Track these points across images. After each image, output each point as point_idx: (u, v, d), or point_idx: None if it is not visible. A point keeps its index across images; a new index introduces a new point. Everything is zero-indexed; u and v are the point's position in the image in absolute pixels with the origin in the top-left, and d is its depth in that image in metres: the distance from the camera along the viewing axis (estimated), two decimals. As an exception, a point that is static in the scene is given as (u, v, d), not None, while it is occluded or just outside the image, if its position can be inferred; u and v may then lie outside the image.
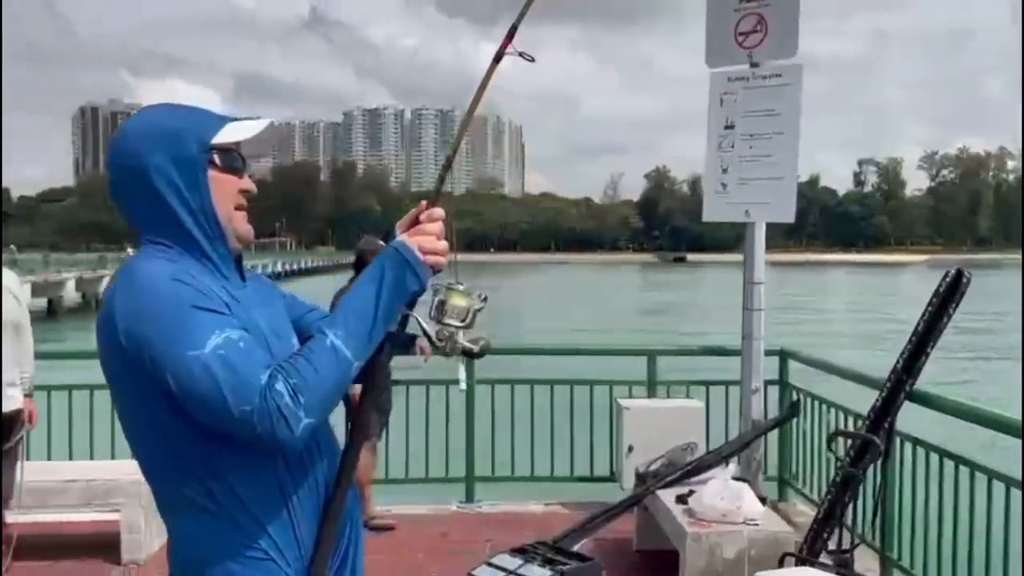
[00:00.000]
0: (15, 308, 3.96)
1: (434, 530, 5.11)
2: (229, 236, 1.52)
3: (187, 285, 1.40)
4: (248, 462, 1.43)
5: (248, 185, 1.55)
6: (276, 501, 1.47)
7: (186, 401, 1.37)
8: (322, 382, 1.38)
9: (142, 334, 1.37)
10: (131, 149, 1.49)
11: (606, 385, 5.74)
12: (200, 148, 1.49)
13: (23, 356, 4.00)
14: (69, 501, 4.47)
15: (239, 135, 1.53)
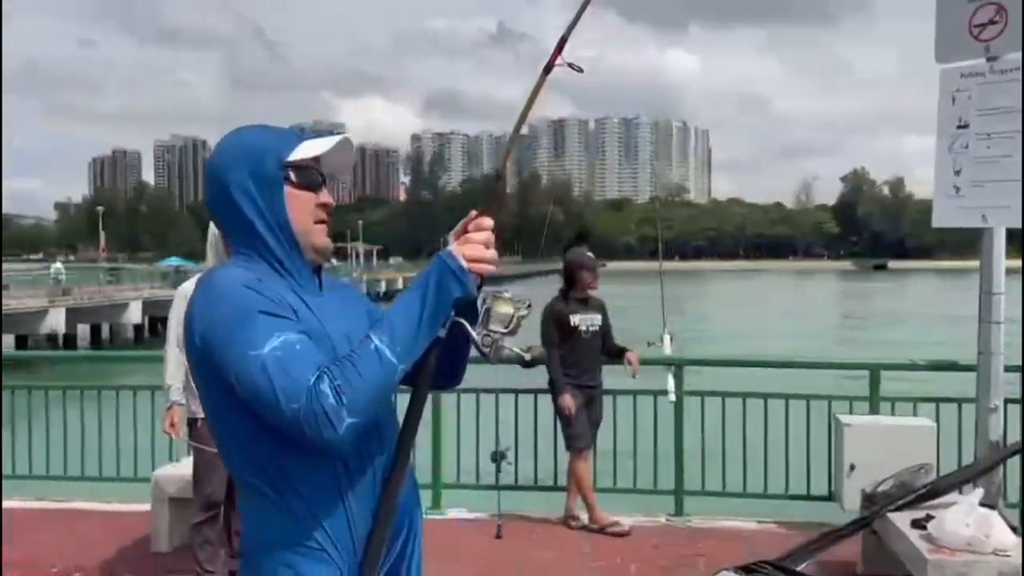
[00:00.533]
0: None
1: (645, 542, 5.07)
2: (305, 248, 1.60)
3: (255, 291, 1.48)
4: (308, 460, 1.50)
5: (326, 199, 1.62)
6: (334, 498, 1.53)
7: (247, 398, 1.45)
8: (365, 384, 1.42)
9: (212, 336, 1.47)
10: (219, 165, 1.60)
11: (824, 400, 5.50)
12: (277, 165, 1.57)
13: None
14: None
15: (313, 151, 1.60)
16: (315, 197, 1.62)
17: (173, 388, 4.17)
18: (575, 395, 5.23)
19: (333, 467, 1.53)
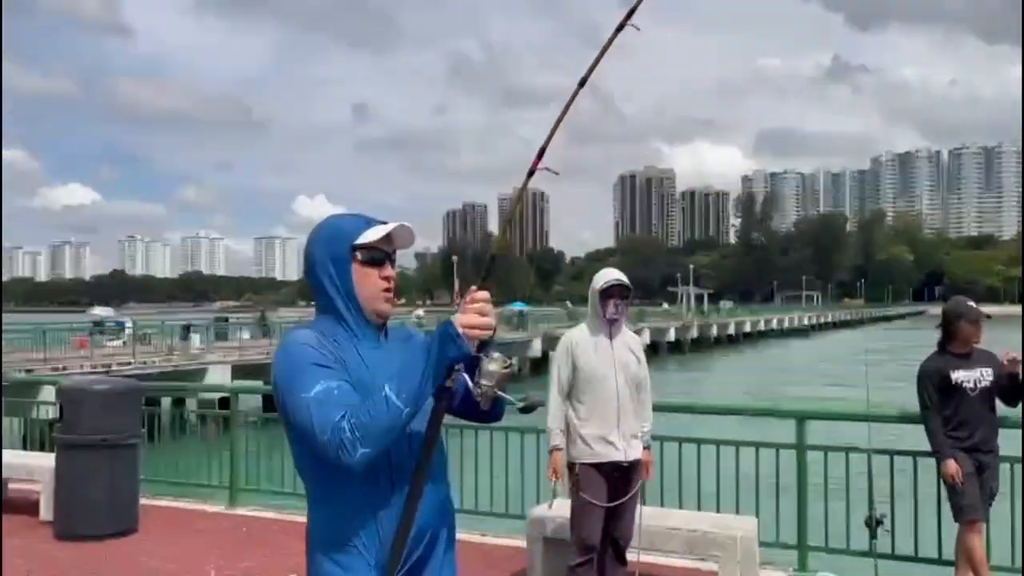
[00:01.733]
0: (635, 365, 4.43)
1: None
2: (368, 313, 2.03)
3: (312, 347, 1.94)
4: (346, 478, 1.90)
5: (387, 273, 2.04)
6: (365, 509, 1.95)
7: (297, 429, 1.91)
8: (375, 423, 1.82)
9: (280, 380, 1.94)
10: (309, 246, 2.08)
11: None
12: (347, 248, 2.02)
13: (643, 410, 4.46)
14: (673, 547, 4.81)
15: (373, 236, 2.02)
16: (378, 271, 2.04)
17: (555, 433, 4.41)
18: (962, 461, 4.74)
19: (365, 485, 1.94)
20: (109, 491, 6.29)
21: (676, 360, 51.98)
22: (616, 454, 4.30)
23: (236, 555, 5.82)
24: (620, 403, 4.31)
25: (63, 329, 32.29)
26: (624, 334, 4.47)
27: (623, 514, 4.39)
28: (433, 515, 2.04)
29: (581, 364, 4.34)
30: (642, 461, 4.43)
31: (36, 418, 9.85)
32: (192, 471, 7.94)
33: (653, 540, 4.75)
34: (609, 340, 4.38)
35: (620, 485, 4.34)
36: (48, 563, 5.70)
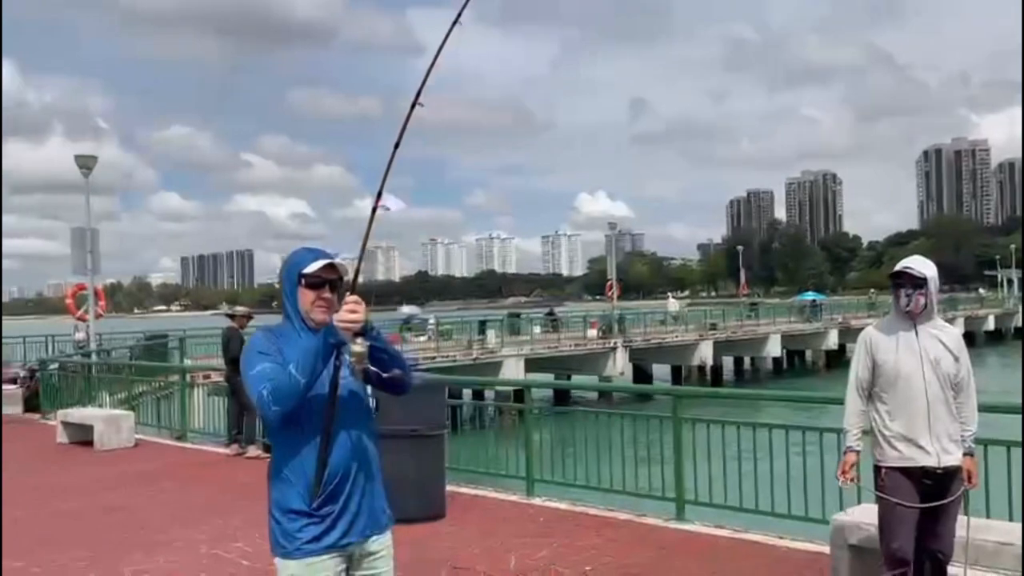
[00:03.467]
0: (948, 361, 3.99)
1: None
2: (306, 319, 2.81)
3: (259, 343, 2.78)
4: (282, 428, 2.71)
5: (323, 294, 2.79)
6: (293, 452, 2.73)
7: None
8: (281, 390, 2.61)
9: (242, 362, 2.77)
10: (281, 271, 2.92)
11: None
12: (296, 275, 2.82)
13: (964, 411, 4.01)
14: (1004, 564, 4.29)
15: (311, 268, 2.79)
16: (316, 293, 2.81)
17: (850, 433, 4.11)
18: None
19: (296, 431, 2.72)
20: (419, 479, 6.80)
21: (997, 351, 46.67)
22: (926, 459, 3.91)
23: (534, 544, 6.04)
24: (929, 403, 3.91)
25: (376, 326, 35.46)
26: (934, 326, 4.05)
27: (941, 525, 3.98)
28: (347, 454, 2.78)
29: (881, 360, 4.00)
30: (962, 468, 3.99)
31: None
32: (491, 461, 8.36)
33: (979, 556, 4.27)
34: (914, 333, 3.99)
35: (933, 494, 3.93)
36: (370, 542, 6.26)
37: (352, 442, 2.79)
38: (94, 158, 18.13)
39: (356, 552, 2.81)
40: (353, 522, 2.78)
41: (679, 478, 6.71)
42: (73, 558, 5.99)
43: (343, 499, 2.76)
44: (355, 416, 2.80)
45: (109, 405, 13.06)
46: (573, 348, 34.34)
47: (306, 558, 2.72)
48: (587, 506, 7.16)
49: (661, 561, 5.60)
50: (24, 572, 5.67)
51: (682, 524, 6.52)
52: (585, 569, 5.45)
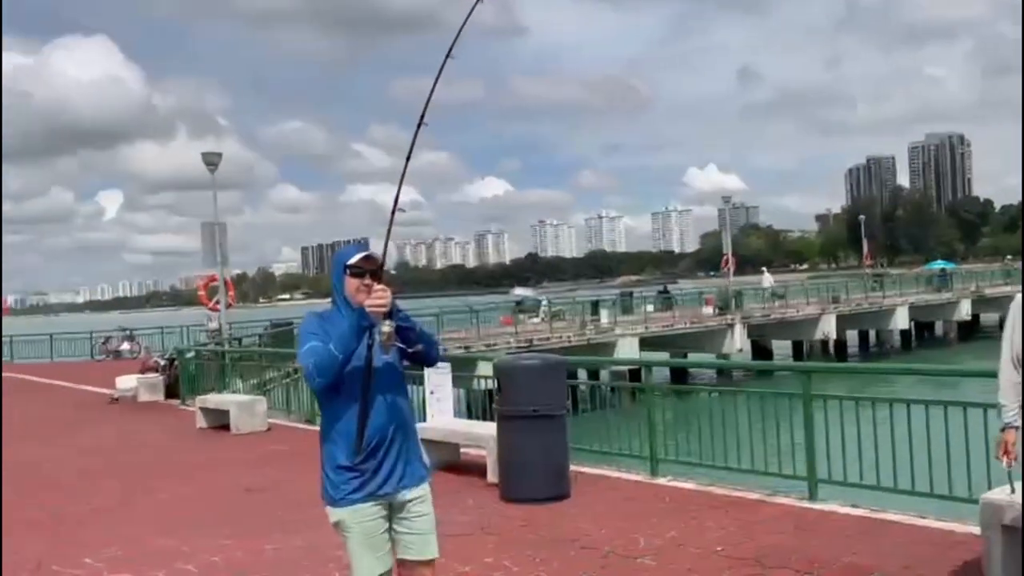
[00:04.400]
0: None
1: None
2: (351, 302, 3.23)
3: (311, 324, 3.27)
4: (329, 396, 3.24)
5: (367, 282, 3.21)
6: (338, 415, 3.24)
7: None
8: (323, 363, 3.12)
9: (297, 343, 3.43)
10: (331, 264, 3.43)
11: None
12: (342, 267, 3.29)
13: None
14: None
15: (353, 260, 3.27)
16: (357, 282, 3.24)
17: (1006, 409, 3.87)
18: None
19: (339, 400, 3.22)
20: (543, 458, 6.83)
21: None
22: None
23: (661, 524, 5.98)
24: None
25: (490, 309, 35.92)
26: None
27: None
28: (384, 418, 3.25)
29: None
30: None
31: (474, 389, 11.07)
32: (613, 440, 8.32)
33: None
34: None
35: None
36: (497, 521, 6.34)
37: (387, 407, 3.28)
38: (219, 155, 18.93)
39: (395, 501, 3.30)
40: (390, 475, 3.27)
41: (811, 457, 6.50)
42: (217, 536, 6.29)
43: (381, 456, 3.25)
44: (390, 385, 3.31)
45: (242, 391, 13.66)
46: (688, 326, 33.79)
47: (350, 505, 3.24)
48: (714, 486, 7.04)
49: (796, 541, 5.45)
50: (175, 550, 5.99)
51: (816, 504, 6.33)
52: (717, 549, 5.36)
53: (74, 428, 13.39)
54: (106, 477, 9.05)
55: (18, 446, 11.79)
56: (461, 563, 5.32)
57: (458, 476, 8.02)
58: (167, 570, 5.54)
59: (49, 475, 9.39)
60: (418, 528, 3.35)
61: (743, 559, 5.13)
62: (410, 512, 3.32)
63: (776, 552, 5.23)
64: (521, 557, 5.40)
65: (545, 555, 5.43)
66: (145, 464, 9.88)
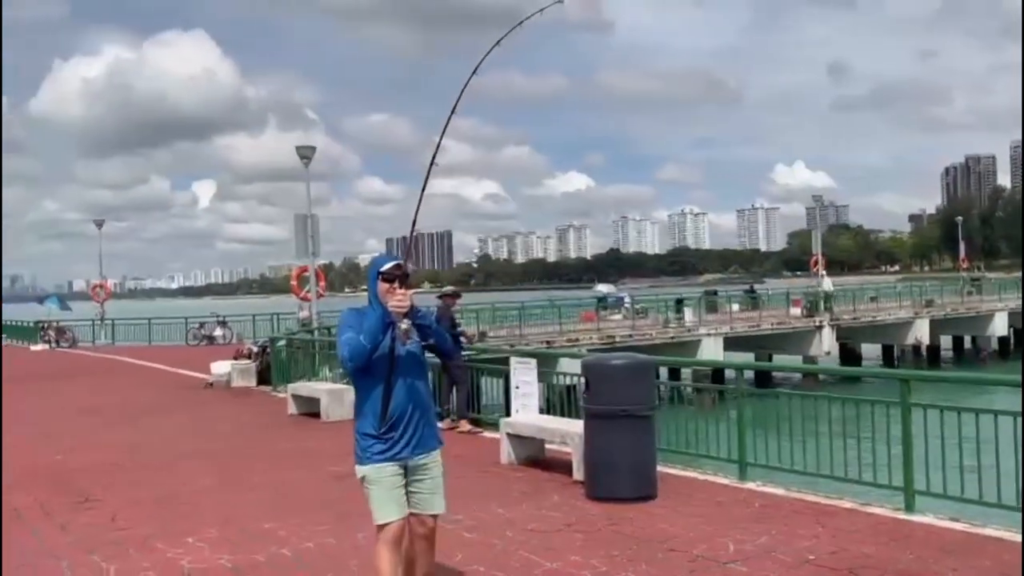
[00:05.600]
0: None
1: None
2: (382, 302, 3.98)
3: (349, 318, 4.03)
4: (360, 377, 4.03)
5: (395, 286, 3.95)
6: (368, 394, 4.02)
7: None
8: (353, 351, 3.91)
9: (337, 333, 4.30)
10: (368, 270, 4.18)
11: None
12: (375, 273, 4.03)
13: None
14: None
15: (385, 268, 4.01)
16: (388, 286, 3.98)
17: None
18: None
19: (369, 380, 4.01)
20: (630, 458, 6.82)
21: None
22: None
23: (751, 530, 5.91)
24: None
25: (573, 304, 35.89)
26: None
27: None
28: (404, 397, 4.04)
29: None
30: None
31: (555, 384, 11.10)
32: (700, 442, 8.24)
33: None
34: None
35: None
36: (582, 519, 6.36)
37: (407, 389, 4.06)
38: (313, 148, 19.38)
39: (409, 464, 4.08)
40: (407, 443, 4.06)
41: (908, 467, 6.33)
42: (310, 522, 6.47)
43: (400, 427, 4.04)
44: (410, 370, 4.09)
45: (332, 379, 13.99)
46: (775, 327, 33.13)
47: (373, 464, 4.04)
48: (804, 492, 6.91)
49: (892, 554, 5.32)
50: (271, 534, 6.20)
51: (912, 515, 6.16)
52: (808, 558, 5.27)
53: (172, 411, 13.94)
54: (203, 460, 9.40)
55: (121, 428, 12.36)
56: (548, 559, 5.37)
57: (542, 472, 8.07)
58: (264, 553, 5.74)
59: (150, 457, 9.80)
60: (427, 487, 4.13)
61: (836, 570, 5.03)
62: (421, 474, 4.12)
63: (871, 564, 5.11)
64: (608, 557, 5.41)
65: (632, 555, 5.43)
66: (240, 449, 10.22)
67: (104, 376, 21.40)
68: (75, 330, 36.82)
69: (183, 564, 5.56)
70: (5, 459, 9.70)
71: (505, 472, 8.21)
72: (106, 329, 37.69)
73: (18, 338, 38.75)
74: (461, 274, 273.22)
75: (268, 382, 16.23)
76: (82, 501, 7.51)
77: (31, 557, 5.87)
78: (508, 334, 28.43)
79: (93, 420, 13.13)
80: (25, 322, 40.88)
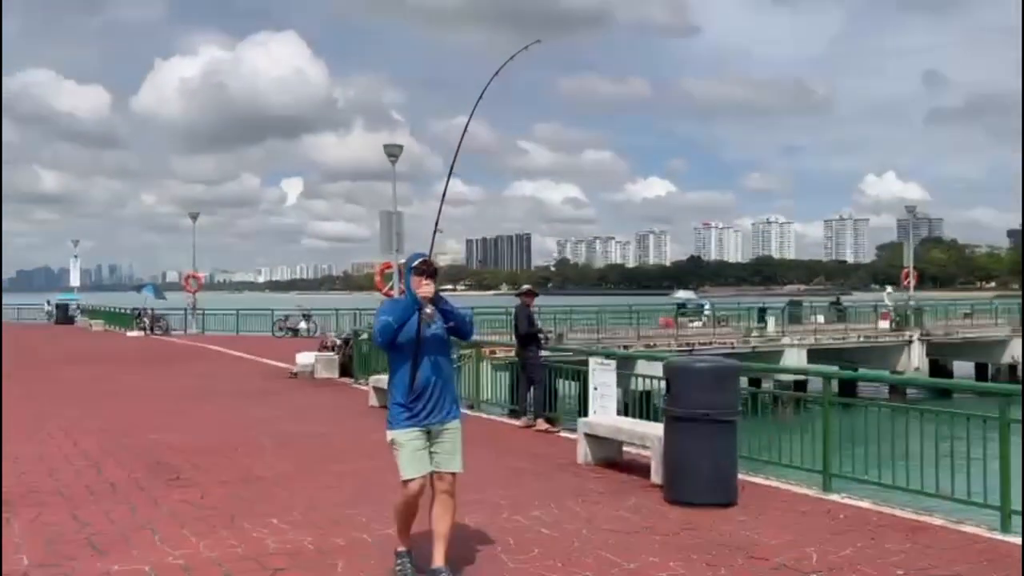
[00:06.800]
0: None
1: None
2: (415, 291, 4.74)
3: (386, 306, 4.91)
4: (392, 353, 4.84)
5: (423, 280, 4.71)
6: (399, 367, 4.78)
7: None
8: (383, 330, 4.75)
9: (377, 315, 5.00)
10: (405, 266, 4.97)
11: None
12: (409, 269, 4.81)
13: None
14: None
15: (416, 263, 4.77)
16: (420, 279, 4.69)
17: None
18: None
19: (400, 357, 4.77)
20: (711, 463, 6.72)
21: None
22: None
23: (835, 542, 5.75)
24: None
25: (651, 310, 35.56)
26: None
27: None
28: (428, 372, 4.74)
29: None
30: None
31: (631, 389, 11.00)
32: (783, 451, 8.07)
33: None
34: None
35: None
36: (660, 522, 6.29)
37: (432, 365, 4.77)
38: (400, 147, 19.63)
39: (433, 430, 4.80)
40: (432, 412, 4.78)
41: (1005, 485, 6.08)
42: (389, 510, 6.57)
43: (425, 398, 4.76)
44: (435, 349, 4.80)
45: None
46: (861, 340, 32.21)
47: (401, 429, 4.76)
48: (892, 507, 6.70)
49: (985, 573, 5.11)
50: (352, 519, 6.32)
51: (1008, 536, 5.91)
52: (897, 573, 5.10)
53: (258, 398, 14.34)
54: (287, 446, 9.64)
55: (210, 411, 12.77)
56: (625, 559, 5.33)
57: (619, 474, 8.02)
58: (345, 538, 5.85)
59: (237, 440, 10.10)
60: (446, 449, 4.83)
61: (926, 586, 4.87)
62: (443, 438, 4.82)
63: (962, 583, 4.93)
64: (686, 560, 5.34)
65: (711, 560, 5.35)
66: (323, 436, 10.44)
67: (195, 362, 22.13)
68: (168, 318, 38.22)
69: (268, 543, 5.71)
70: (102, 435, 10.15)
71: (582, 472, 8.19)
72: (197, 318, 39.01)
73: (116, 324, 40.44)
74: (539, 277, 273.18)
75: (350, 374, 16.55)
76: (174, 479, 7.79)
77: (125, 528, 6.11)
78: (585, 337, 28.34)
79: (185, 403, 13.60)
80: (123, 309, 42.64)
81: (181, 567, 5.23)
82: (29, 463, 8.49)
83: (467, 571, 5.18)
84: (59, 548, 5.62)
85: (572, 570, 5.15)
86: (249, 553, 5.51)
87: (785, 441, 8.11)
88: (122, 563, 5.27)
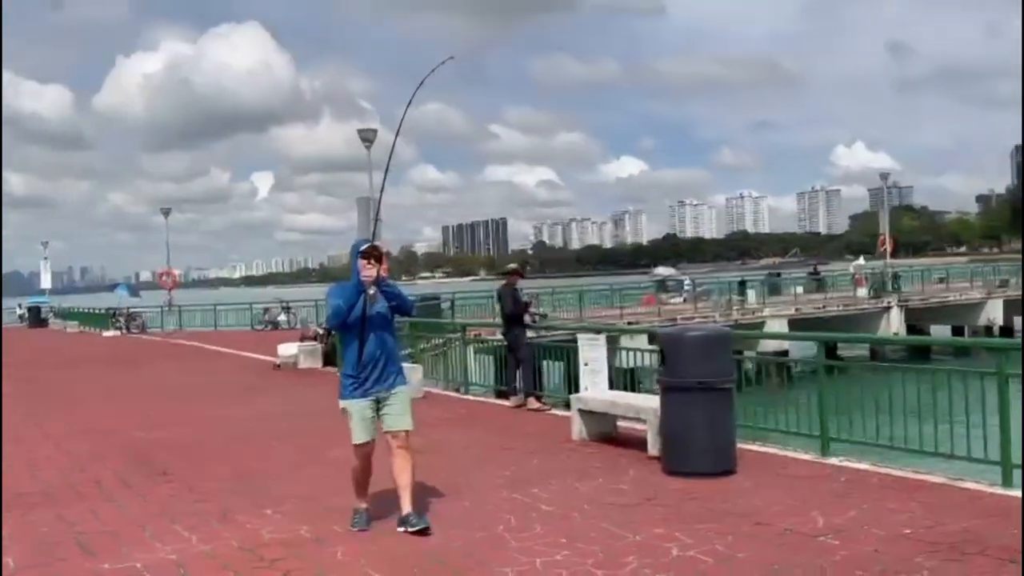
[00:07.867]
0: None
1: None
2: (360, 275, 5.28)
3: (334, 290, 5.50)
4: (344, 333, 5.51)
5: (367, 263, 5.26)
6: (350, 346, 5.43)
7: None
8: (335, 312, 5.38)
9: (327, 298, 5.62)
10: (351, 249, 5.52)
11: None
12: (355, 252, 5.34)
13: None
14: None
15: (363, 248, 5.32)
16: (365, 262, 5.24)
17: None
18: None
19: (349, 335, 5.41)
20: (708, 432, 6.65)
21: None
22: None
23: (838, 504, 5.71)
24: None
25: (632, 288, 35.61)
26: None
27: None
28: (374, 347, 5.35)
29: None
30: None
31: (618, 366, 10.94)
32: (776, 418, 8.02)
33: None
34: None
35: None
36: (661, 493, 6.22)
37: (377, 340, 5.36)
38: (374, 131, 19.40)
39: (379, 397, 5.43)
40: (377, 381, 5.41)
41: (1005, 440, 6.05)
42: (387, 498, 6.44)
43: (371, 369, 5.38)
44: (379, 326, 5.38)
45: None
46: (841, 308, 32.42)
47: (352, 399, 5.43)
48: (891, 467, 6.67)
49: (990, 530, 5.07)
50: (350, 507, 6.18)
51: (1009, 490, 5.89)
52: (904, 532, 5.06)
53: (244, 392, 14.14)
54: (277, 436, 9.48)
55: (195, 407, 12.56)
56: (631, 532, 5.25)
57: (616, 448, 7.95)
58: (342, 526, 5.72)
59: (225, 434, 9.93)
60: (395, 411, 5.46)
61: (935, 543, 4.82)
62: (391, 401, 5.45)
63: (971, 539, 4.88)
64: (692, 530, 5.26)
65: (718, 529, 5.27)
66: (312, 426, 10.27)
67: (175, 359, 21.84)
68: (144, 316, 37.77)
69: (263, 534, 5.58)
70: (86, 435, 9.93)
71: (578, 448, 8.10)
72: (174, 315, 38.57)
73: (91, 325, 39.90)
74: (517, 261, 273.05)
75: (333, 363, 16.36)
76: (161, 474, 7.62)
77: (113, 524, 5.95)
78: (568, 318, 28.30)
79: (168, 400, 13.38)
80: (97, 310, 42.06)
81: (174, 562, 5.08)
82: (12, 464, 8.28)
83: (468, 551, 5.07)
84: (47, 549, 5.44)
85: (577, 546, 5.05)
86: (244, 544, 5.37)
87: (780, 408, 8.07)
88: (112, 561, 5.11)
